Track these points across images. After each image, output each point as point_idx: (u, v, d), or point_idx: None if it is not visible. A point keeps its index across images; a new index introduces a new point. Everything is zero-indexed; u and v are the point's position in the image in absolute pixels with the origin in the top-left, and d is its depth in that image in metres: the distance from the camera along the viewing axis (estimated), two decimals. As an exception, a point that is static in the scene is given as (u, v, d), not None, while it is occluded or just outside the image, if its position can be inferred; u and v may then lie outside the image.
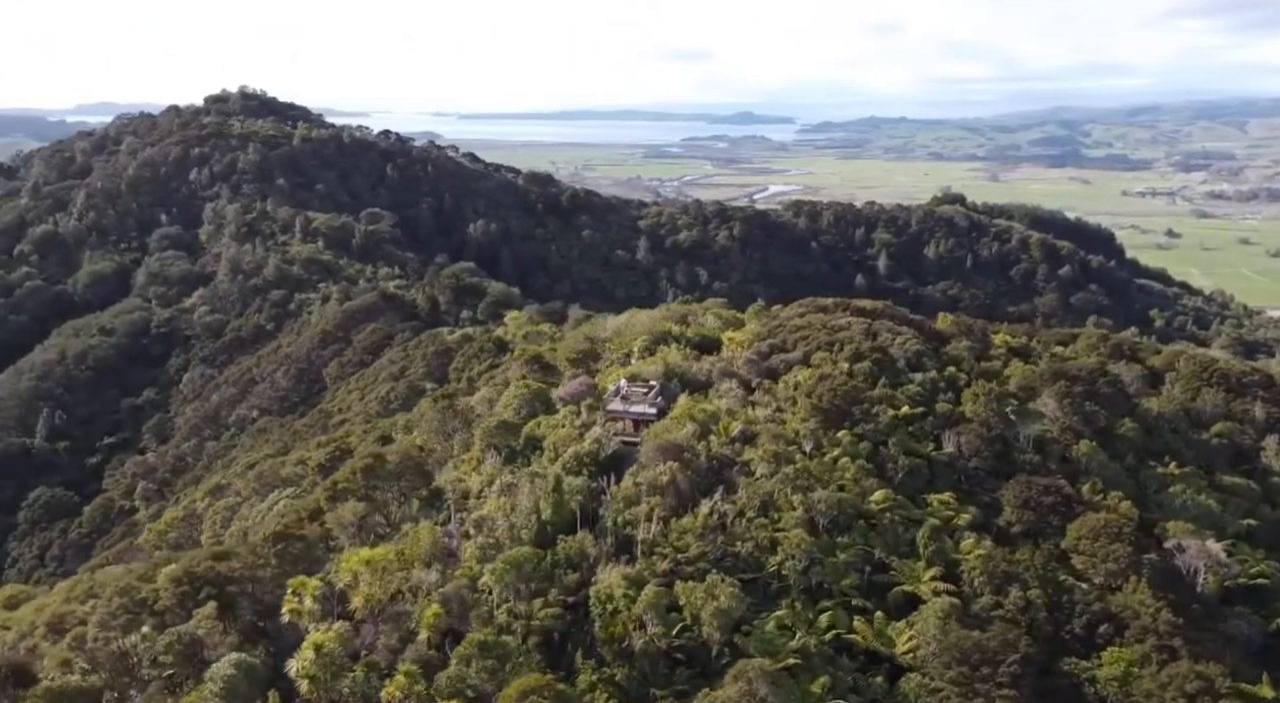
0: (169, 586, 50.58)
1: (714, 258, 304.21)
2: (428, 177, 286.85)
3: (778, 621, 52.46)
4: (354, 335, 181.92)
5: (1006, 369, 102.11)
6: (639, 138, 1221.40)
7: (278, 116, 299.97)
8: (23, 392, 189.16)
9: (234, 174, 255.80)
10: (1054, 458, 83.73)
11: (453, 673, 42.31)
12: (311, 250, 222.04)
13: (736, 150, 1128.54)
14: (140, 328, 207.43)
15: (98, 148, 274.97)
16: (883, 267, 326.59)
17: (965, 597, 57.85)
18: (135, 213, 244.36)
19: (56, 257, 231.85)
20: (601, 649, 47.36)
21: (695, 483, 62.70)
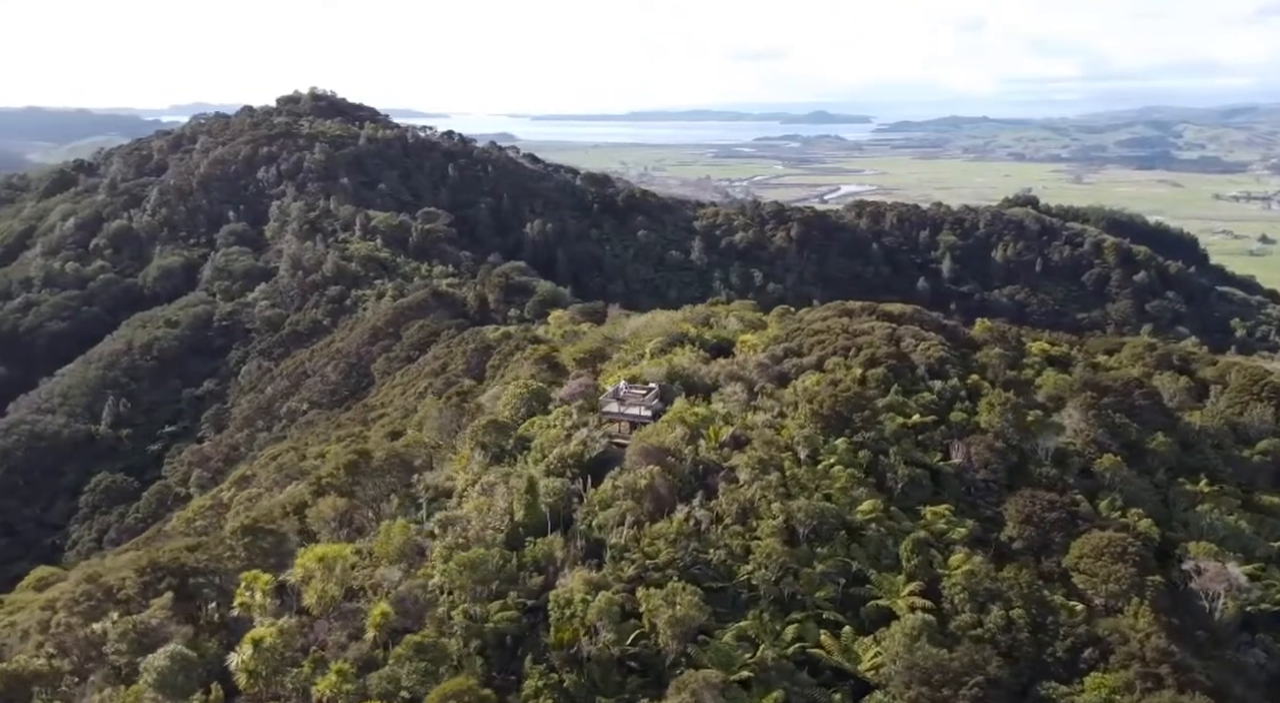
0: (132, 574, 52.36)
1: (769, 259, 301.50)
2: (488, 177, 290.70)
3: (740, 631, 51.56)
4: (403, 332, 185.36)
5: (1039, 379, 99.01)
6: (710, 138, 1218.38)
7: (345, 117, 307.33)
8: (91, 380, 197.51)
9: (300, 173, 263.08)
10: (1074, 472, 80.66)
11: (385, 674, 42.56)
12: (369, 248, 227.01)
13: (809, 150, 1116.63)
14: (203, 320, 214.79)
15: (174, 146, 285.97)
16: (947, 270, 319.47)
17: (945, 614, 56.09)
18: (205, 209, 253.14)
19: (130, 251, 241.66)
20: (549, 655, 47.17)
21: (675, 488, 62.07)
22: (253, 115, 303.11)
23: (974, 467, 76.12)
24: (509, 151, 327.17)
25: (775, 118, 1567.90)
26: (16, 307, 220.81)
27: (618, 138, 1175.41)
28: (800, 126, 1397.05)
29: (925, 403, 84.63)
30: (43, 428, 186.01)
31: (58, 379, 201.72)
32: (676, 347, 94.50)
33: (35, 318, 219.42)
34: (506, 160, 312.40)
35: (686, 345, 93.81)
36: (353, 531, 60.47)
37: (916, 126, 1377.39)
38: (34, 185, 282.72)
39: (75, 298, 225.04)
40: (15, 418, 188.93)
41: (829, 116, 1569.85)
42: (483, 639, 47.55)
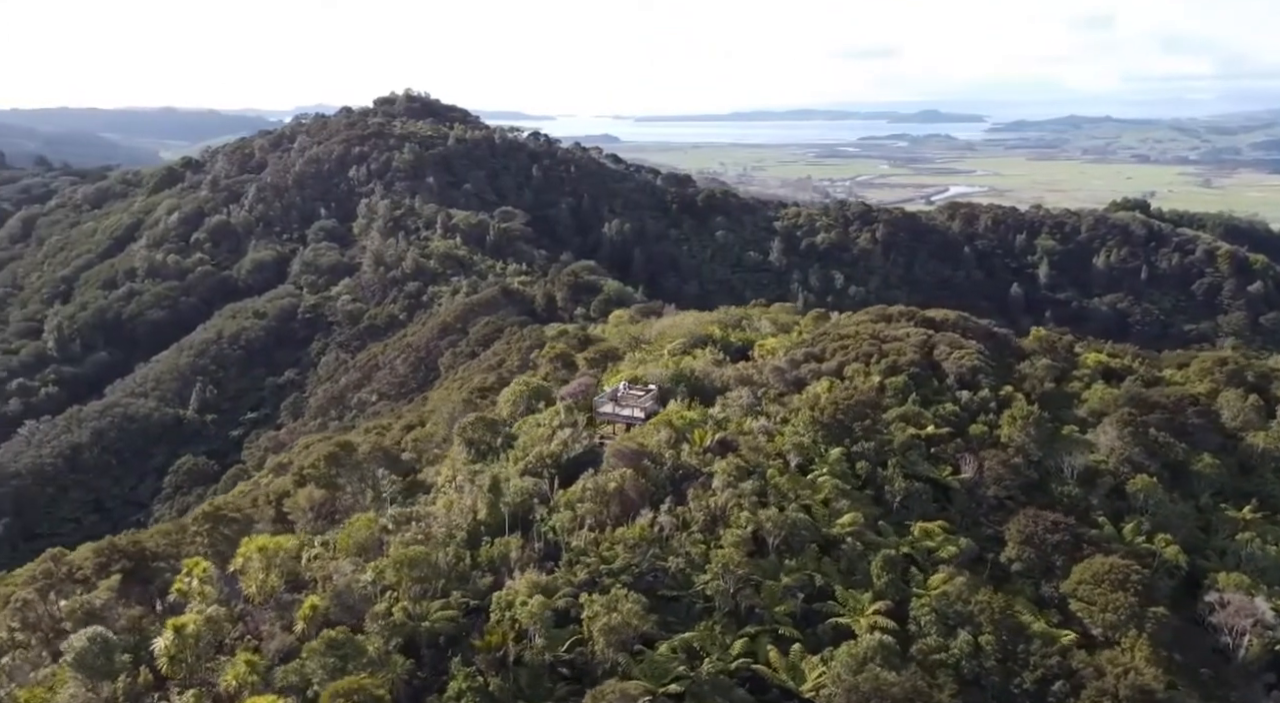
0: (90, 555, 54.89)
1: (852, 261, 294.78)
2: (570, 177, 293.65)
3: (684, 643, 50.43)
4: (470, 327, 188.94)
5: (1086, 392, 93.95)
6: (813, 138, 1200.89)
7: (437, 118, 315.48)
8: (181, 366, 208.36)
9: (388, 172, 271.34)
10: (1101, 492, 76.16)
11: (292, 667, 43.16)
12: (448, 246, 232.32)
13: (917, 150, 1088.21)
14: (289, 312, 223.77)
15: (274, 145, 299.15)
16: (1043, 276, 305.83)
17: (911, 636, 53.65)
18: (298, 206, 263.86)
19: (227, 244, 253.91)
20: (477, 658, 47.01)
21: (647, 492, 61.20)
22: (349, 116, 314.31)
23: (984, 482, 72.66)
24: (592, 152, 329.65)
25: (883, 117, 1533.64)
26: (121, 295, 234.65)
27: (719, 138, 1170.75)
28: (909, 126, 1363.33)
29: (945, 414, 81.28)
30: (135, 411, 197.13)
31: (152, 365, 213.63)
32: (697, 348, 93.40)
33: (137, 306, 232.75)
34: (589, 161, 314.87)
35: (707, 347, 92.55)
36: (328, 522, 61.98)
37: (1033, 126, 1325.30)
38: (146, 181, 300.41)
39: (174, 288, 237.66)
40: (111, 400, 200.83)
41: (940, 116, 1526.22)
42: (416, 638, 47.85)
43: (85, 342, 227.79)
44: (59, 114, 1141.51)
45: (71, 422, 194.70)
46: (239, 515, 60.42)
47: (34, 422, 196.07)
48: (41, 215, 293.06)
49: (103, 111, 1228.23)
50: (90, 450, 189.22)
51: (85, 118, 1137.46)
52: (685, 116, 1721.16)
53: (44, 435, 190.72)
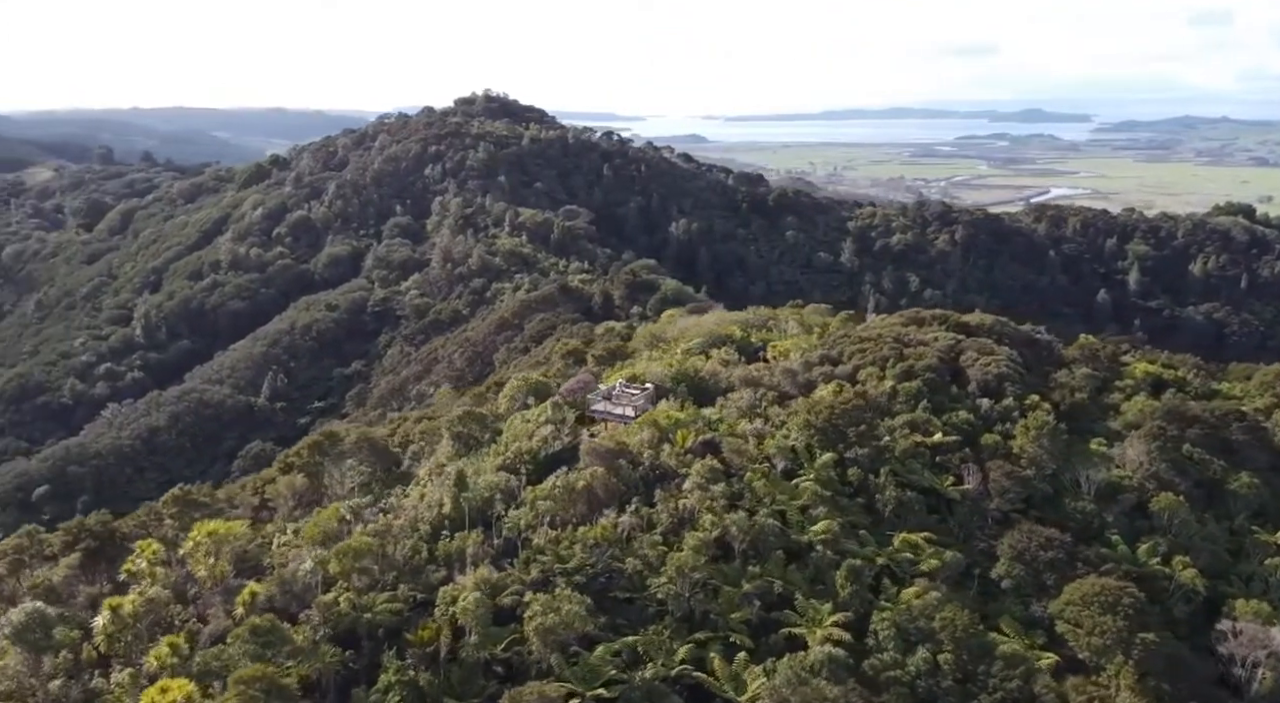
0: (61, 533, 57.24)
1: (928, 263, 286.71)
2: (640, 176, 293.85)
3: (628, 646, 49.66)
4: (526, 324, 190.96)
5: (1126, 404, 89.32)
6: (909, 137, 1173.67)
7: (513, 118, 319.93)
8: (256, 356, 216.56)
9: (462, 171, 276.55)
10: (1120, 509, 72.20)
11: (212, 653, 43.89)
12: (514, 243, 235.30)
13: (1018, 150, 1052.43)
14: (360, 305, 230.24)
15: (356, 144, 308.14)
16: (1134, 282, 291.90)
17: (869, 650, 51.70)
18: (375, 203, 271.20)
19: (306, 239, 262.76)
20: (410, 652, 47.14)
21: (618, 492, 60.54)
22: (430, 116, 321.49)
23: (988, 495, 69.60)
24: (664, 152, 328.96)
25: (983, 116, 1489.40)
26: (205, 286, 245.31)
27: (810, 137, 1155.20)
28: (1010, 125, 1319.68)
29: (958, 422, 78.19)
30: (210, 397, 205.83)
31: (229, 353, 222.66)
32: (714, 348, 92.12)
33: (219, 297, 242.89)
34: (660, 160, 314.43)
35: (722, 348, 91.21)
36: (309, 510, 63.21)
37: (1143, 126, 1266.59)
38: (236, 177, 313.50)
39: (255, 280, 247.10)
40: (189, 386, 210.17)
41: (1043, 115, 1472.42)
42: (357, 629, 48.32)
43: (170, 330, 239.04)
44: (176, 113, 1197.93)
45: (151, 406, 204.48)
46: (209, 500, 62.32)
47: (116, 405, 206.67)
48: (139, 209, 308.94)
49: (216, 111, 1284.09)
50: (167, 434, 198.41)
51: (200, 117, 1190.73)
52: (776, 116, 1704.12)
53: (125, 418, 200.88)
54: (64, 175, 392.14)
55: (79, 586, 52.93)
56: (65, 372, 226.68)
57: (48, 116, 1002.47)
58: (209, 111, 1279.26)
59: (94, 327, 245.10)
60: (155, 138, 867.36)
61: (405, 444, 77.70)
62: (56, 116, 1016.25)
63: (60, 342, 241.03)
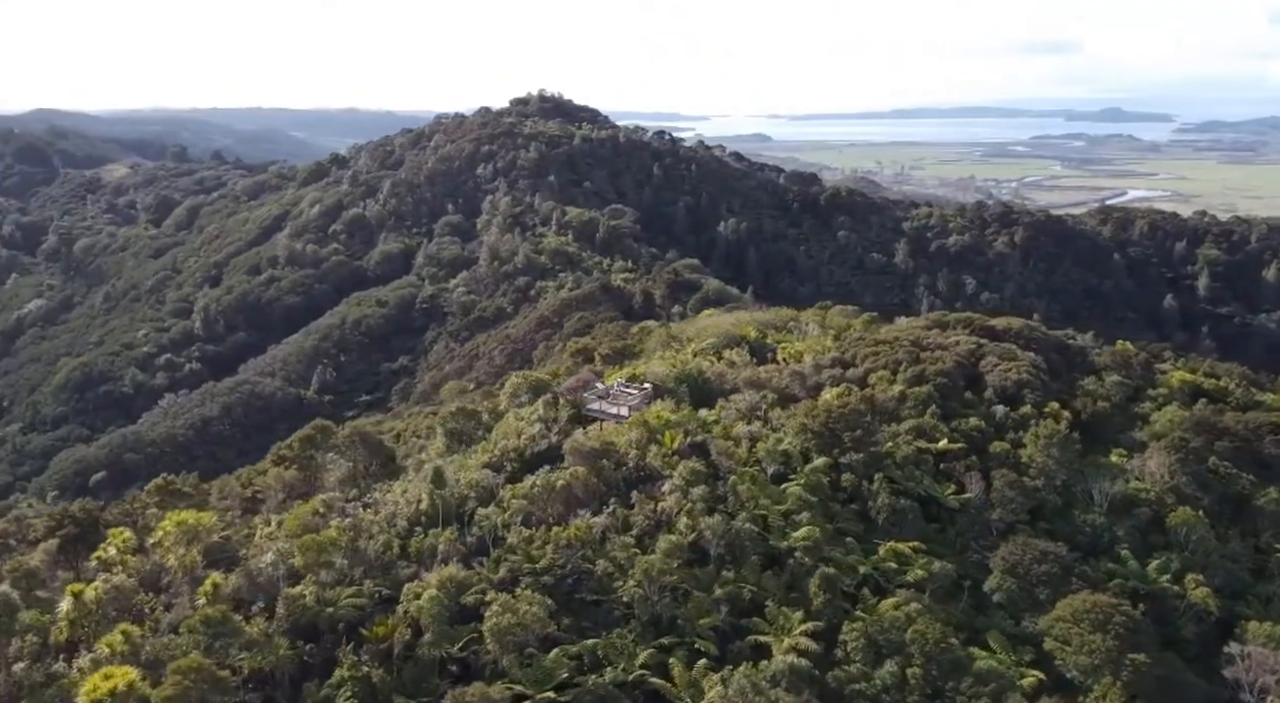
0: (45, 519, 58.93)
1: (986, 266, 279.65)
2: (690, 176, 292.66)
3: (586, 649, 49.15)
4: (565, 322, 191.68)
5: (1156, 414, 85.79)
6: (980, 136, 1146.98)
7: (566, 118, 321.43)
8: (307, 349, 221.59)
9: (513, 170, 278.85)
10: (1132, 523, 69.25)
11: (161, 643, 44.56)
12: (560, 242, 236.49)
13: (1095, 150, 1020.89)
14: (408, 302, 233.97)
15: (412, 143, 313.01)
16: (1203, 288, 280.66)
17: (834, 661, 50.34)
18: (428, 201, 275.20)
19: (361, 236, 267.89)
20: (365, 648, 47.29)
21: (597, 492, 60.08)
22: (485, 116, 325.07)
23: (990, 504, 67.34)
24: (715, 150, 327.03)
25: (1059, 115, 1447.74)
26: (262, 281, 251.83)
27: (878, 136, 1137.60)
28: (1088, 124, 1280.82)
29: (968, 429, 75.89)
30: (262, 389, 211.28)
31: (282, 346, 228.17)
32: (727, 349, 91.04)
33: (275, 292, 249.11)
34: (710, 159, 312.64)
35: (734, 349, 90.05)
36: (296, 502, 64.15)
37: (1228, 126, 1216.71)
38: (298, 175, 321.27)
39: (310, 276, 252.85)
40: (241, 378, 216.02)
41: (1123, 114, 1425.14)
42: (318, 623, 48.72)
43: (228, 323, 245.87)
44: (254, 113, 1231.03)
45: (206, 396, 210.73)
46: (192, 491, 63.59)
47: (173, 395, 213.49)
48: (205, 205, 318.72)
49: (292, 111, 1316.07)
50: (219, 423, 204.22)
51: (276, 117, 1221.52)
52: (843, 115, 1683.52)
53: (180, 408, 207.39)
54: (138, 172, 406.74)
55: (57, 571, 54.57)
56: (127, 362, 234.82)
57: (133, 115, 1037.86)
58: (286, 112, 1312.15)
59: (157, 319, 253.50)
60: (233, 137, 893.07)
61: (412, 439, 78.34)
62: (141, 115, 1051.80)
63: (124, 333, 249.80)
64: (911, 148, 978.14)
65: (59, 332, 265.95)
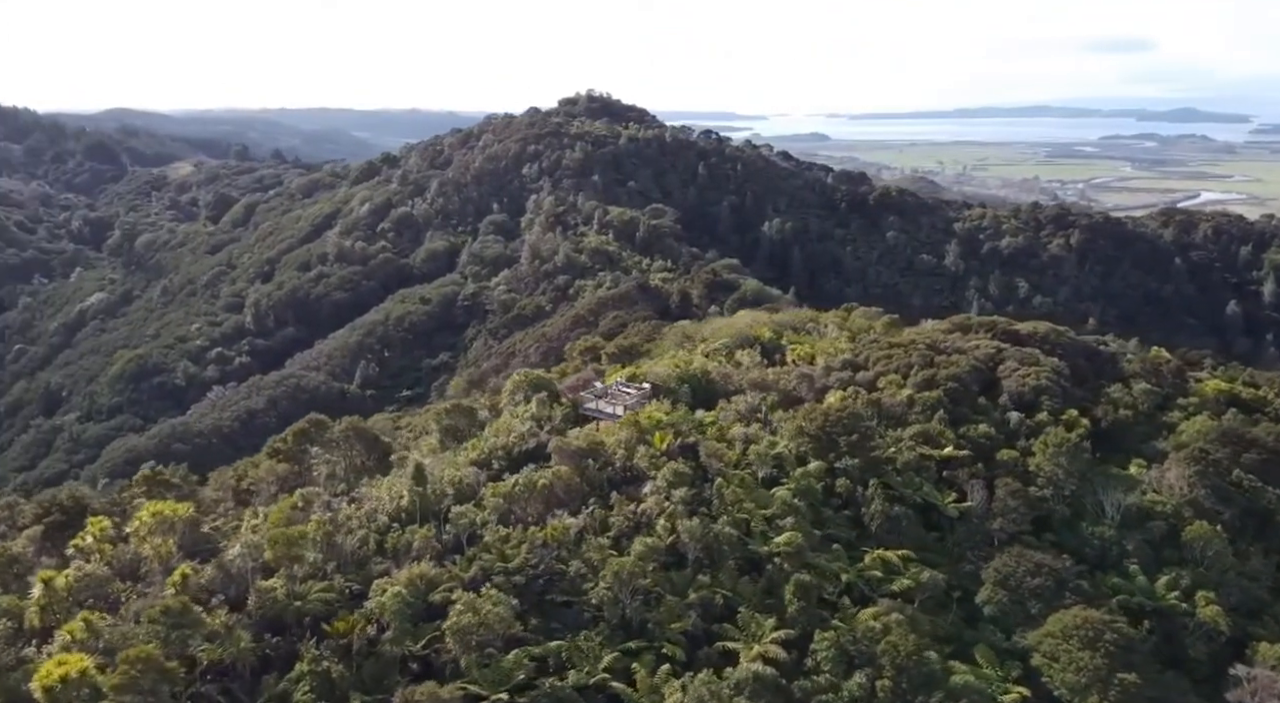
0: (35, 506, 60.26)
1: (1040, 268, 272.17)
2: (735, 175, 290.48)
3: (550, 651, 48.63)
4: (600, 320, 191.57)
5: (1184, 423, 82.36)
6: (1047, 136, 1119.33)
7: (613, 118, 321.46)
8: (351, 345, 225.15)
9: (558, 170, 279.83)
10: (1146, 537, 66.54)
11: (120, 632, 44.98)
12: (600, 241, 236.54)
13: (1167, 151, 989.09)
14: (451, 299, 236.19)
15: (461, 143, 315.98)
16: (1269, 293, 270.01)
17: (805, 670, 49.05)
18: (474, 200, 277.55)
19: (408, 234, 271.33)
20: (326, 643, 47.37)
21: (579, 492, 59.52)
22: (533, 116, 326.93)
23: (991, 513, 65.19)
24: (762, 150, 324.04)
25: (1129, 115, 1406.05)
26: (311, 277, 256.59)
27: (940, 136, 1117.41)
28: (1160, 125, 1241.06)
29: (976, 435, 73.68)
30: (306, 382, 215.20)
31: (328, 341, 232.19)
32: (740, 349, 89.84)
33: (324, 288, 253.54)
34: (757, 158, 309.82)
35: (746, 350, 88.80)
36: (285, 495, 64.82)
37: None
38: (350, 174, 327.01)
39: (358, 273, 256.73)
40: (288, 372, 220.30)
41: (1197, 114, 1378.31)
42: (285, 616, 49.01)
43: (278, 318, 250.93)
44: (319, 114, 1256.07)
45: (252, 389, 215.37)
46: (181, 482, 64.61)
47: (221, 387, 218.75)
48: (261, 203, 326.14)
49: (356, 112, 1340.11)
50: (264, 416, 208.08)
51: (341, 117, 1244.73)
52: (904, 114, 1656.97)
53: (227, 400, 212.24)
54: (201, 170, 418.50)
55: (42, 557, 55.96)
56: (180, 355, 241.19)
57: (204, 116, 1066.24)
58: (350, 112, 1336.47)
59: (210, 313, 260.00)
60: (299, 137, 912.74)
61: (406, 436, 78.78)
62: (212, 115, 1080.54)
63: (179, 326, 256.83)
64: (974, 148, 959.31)
65: (118, 324, 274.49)
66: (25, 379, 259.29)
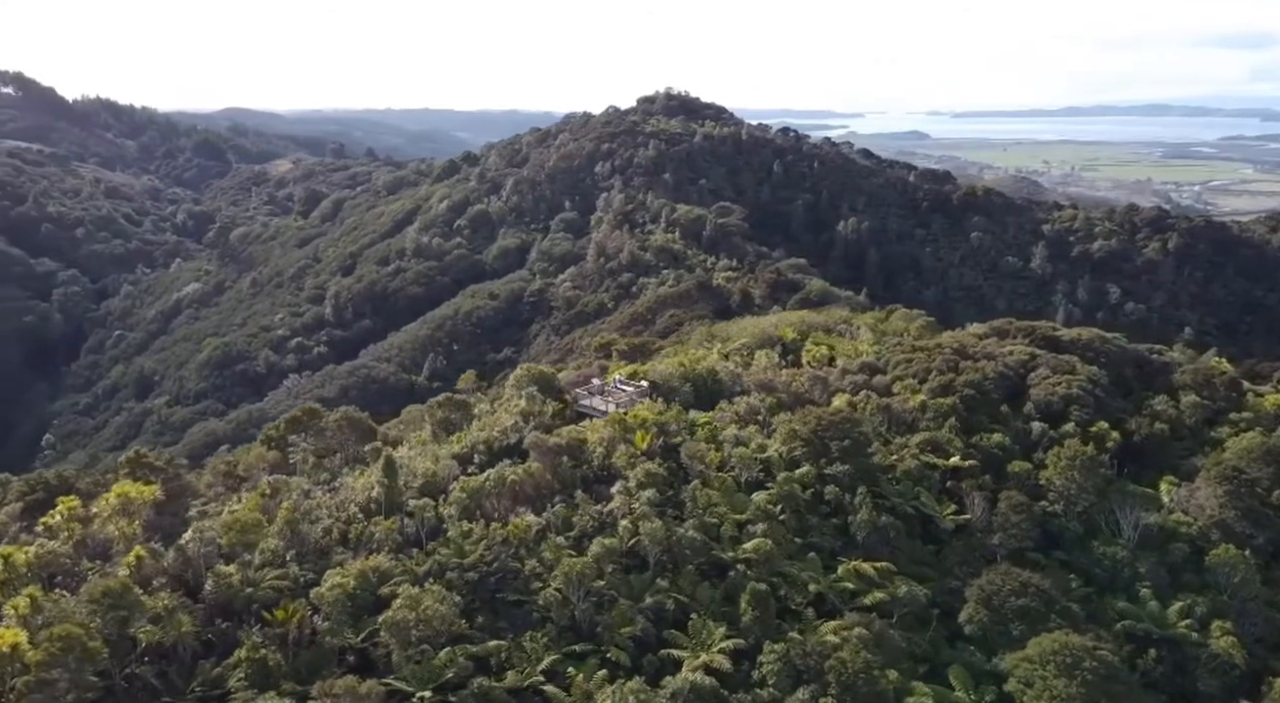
0: (22, 485, 62.36)
1: (1134, 273, 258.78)
2: (811, 173, 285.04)
3: (489, 651, 47.79)
4: (658, 318, 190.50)
5: (1232, 440, 76.51)
6: (1162, 136, 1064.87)
7: (690, 115, 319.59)
8: (422, 338, 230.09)
9: (629, 168, 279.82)
10: (1165, 560, 61.96)
11: (63, 607, 45.74)
12: (666, 239, 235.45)
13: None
14: (518, 295, 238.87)
15: (539, 141, 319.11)
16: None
17: (750, 683, 47.00)
18: (548, 199, 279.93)
19: (483, 232, 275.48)
20: (265, 631, 47.54)
21: (551, 489, 58.59)
22: (610, 114, 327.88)
23: (991, 527, 61.59)
24: (842, 147, 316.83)
25: (1254, 114, 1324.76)
26: (390, 272, 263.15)
27: (1048, 135, 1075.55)
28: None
29: (989, 445, 69.89)
30: (377, 373, 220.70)
31: (400, 334, 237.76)
32: (760, 349, 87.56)
33: (400, 283, 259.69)
34: (835, 156, 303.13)
35: (765, 350, 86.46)
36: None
37: None
38: (433, 172, 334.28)
39: (433, 268, 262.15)
40: (360, 362, 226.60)
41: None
42: (234, 602, 49.53)
43: (356, 310, 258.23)
44: (422, 114, 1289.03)
45: (326, 378, 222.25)
46: (164, 465, 66.17)
47: (297, 375, 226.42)
48: (349, 200, 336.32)
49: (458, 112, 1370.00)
50: (336, 405, 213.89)
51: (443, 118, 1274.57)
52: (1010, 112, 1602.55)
53: (301, 388, 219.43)
54: (299, 167, 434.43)
55: (22, 535, 58.19)
56: (263, 343, 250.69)
57: (314, 115, 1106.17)
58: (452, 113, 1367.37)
59: (294, 304, 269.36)
60: (402, 136, 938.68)
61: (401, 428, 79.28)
62: (321, 115, 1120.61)
63: (264, 316, 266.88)
64: (1084, 147, 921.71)
65: (210, 313, 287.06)
66: (123, 363, 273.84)
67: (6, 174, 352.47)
